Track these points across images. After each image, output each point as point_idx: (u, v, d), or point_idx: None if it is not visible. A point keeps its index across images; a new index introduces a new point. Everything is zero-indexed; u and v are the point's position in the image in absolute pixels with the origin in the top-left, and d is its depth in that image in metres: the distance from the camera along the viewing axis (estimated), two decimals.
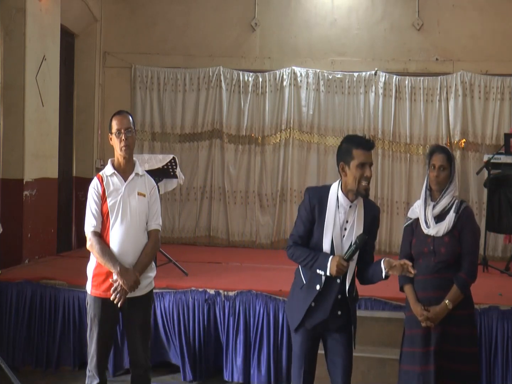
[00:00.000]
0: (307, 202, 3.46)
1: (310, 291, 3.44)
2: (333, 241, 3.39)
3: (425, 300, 3.69)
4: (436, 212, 3.74)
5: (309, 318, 3.44)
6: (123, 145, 3.82)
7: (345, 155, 3.40)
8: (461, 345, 3.65)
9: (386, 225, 7.99)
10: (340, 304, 3.43)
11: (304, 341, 3.48)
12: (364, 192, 3.38)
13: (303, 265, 3.47)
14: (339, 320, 3.45)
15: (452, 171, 3.76)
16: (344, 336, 3.48)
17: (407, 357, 3.75)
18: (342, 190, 3.43)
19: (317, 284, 3.41)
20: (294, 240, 3.50)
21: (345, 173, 3.40)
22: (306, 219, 3.47)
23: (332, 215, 3.40)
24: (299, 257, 3.44)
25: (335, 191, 3.44)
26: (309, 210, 3.45)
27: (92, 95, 8.30)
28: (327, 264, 3.31)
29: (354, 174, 3.35)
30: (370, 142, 3.43)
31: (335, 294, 3.41)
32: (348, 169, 3.38)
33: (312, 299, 3.42)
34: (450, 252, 3.67)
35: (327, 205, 3.42)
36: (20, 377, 4.03)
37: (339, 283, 3.41)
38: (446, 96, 7.99)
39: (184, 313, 5.15)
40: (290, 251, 3.50)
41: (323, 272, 3.34)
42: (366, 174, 3.34)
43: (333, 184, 3.50)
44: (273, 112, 8.29)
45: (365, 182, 3.36)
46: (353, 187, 3.38)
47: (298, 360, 3.51)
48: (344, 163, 3.40)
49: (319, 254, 3.38)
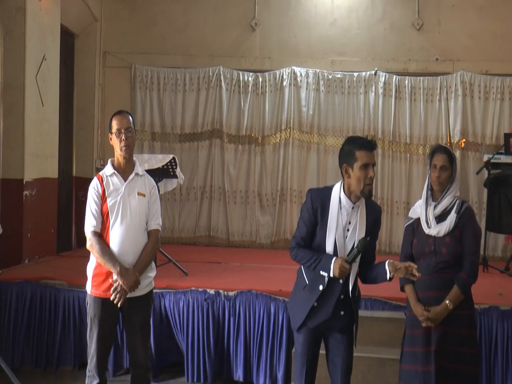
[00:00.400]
0: (310, 204, 3.47)
1: (313, 291, 3.45)
2: (336, 242, 3.40)
3: (425, 300, 3.69)
4: (437, 212, 3.74)
5: (312, 318, 3.46)
6: (123, 145, 3.82)
7: (347, 157, 3.41)
8: (461, 346, 3.65)
9: (386, 225, 7.99)
10: (342, 304, 3.45)
11: (306, 340, 3.50)
12: (368, 193, 3.39)
13: (306, 267, 3.49)
14: (341, 320, 3.46)
15: (454, 171, 3.76)
16: (346, 337, 3.50)
17: (408, 356, 3.76)
18: (345, 191, 3.44)
19: (320, 284, 3.43)
20: (297, 242, 3.51)
21: (348, 175, 3.41)
22: (308, 220, 3.48)
23: (335, 216, 3.41)
24: (302, 258, 3.46)
25: (338, 193, 3.45)
26: (312, 211, 3.46)
27: (92, 95, 8.30)
28: (330, 266, 3.32)
29: (358, 175, 3.36)
30: (373, 142, 3.45)
31: (338, 295, 3.43)
32: (352, 171, 3.38)
33: (315, 299, 3.43)
34: (451, 252, 3.67)
35: (329, 207, 3.43)
36: (20, 377, 4.03)
37: (341, 283, 3.43)
38: (446, 96, 7.99)
39: (184, 313, 5.16)
40: (294, 253, 3.51)
41: (326, 274, 3.36)
42: (370, 175, 3.36)
43: (335, 186, 3.51)
44: (273, 112, 8.28)
45: (369, 183, 3.38)
46: (357, 188, 3.39)
47: (300, 359, 3.53)
48: (347, 165, 3.40)
49: (322, 255, 3.39)
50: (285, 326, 5.01)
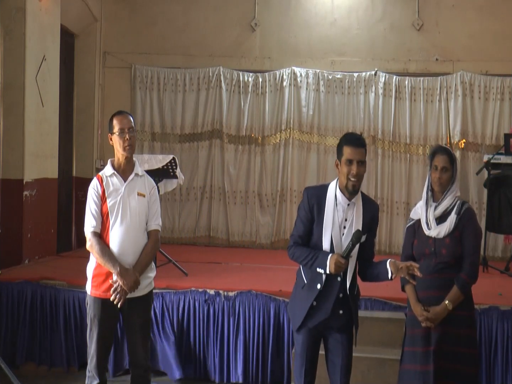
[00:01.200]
0: (306, 202, 3.49)
1: (311, 290, 3.45)
2: (332, 239, 3.41)
3: (425, 300, 3.69)
4: (437, 213, 3.74)
5: (311, 317, 3.46)
6: (127, 144, 3.82)
7: (338, 152, 3.48)
8: (460, 346, 3.64)
9: (386, 226, 7.99)
10: (341, 303, 3.45)
11: (306, 340, 3.50)
12: (351, 188, 3.41)
13: (303, 265, 3.49)
14: (341, 319, 3.46)
15: (454, 172, 3.76)
16: (345, 336, 3.50)
17: (408, 356, 3.76)
18: (340, 188, 3.47)
19: (318, 283, 3.43)
20: (295, 240, 3.52)
21: (338, 170, 3.46)
22: (305, 218, 3.49)
23: (331, 213, 3.42)
24: (300, 256, 3.46)
25: (333, 190, 3.48)
26: (308, 209, 3.48)
27: (92, 95, 8.30)
28: (326, 262, 3.33)
29: (343, 170, 3.41)
30: (360, 139, 3.47)
31: (336, 293, 3.43)
32: (340, 166, 3.45)
33: (313, 298, 3.43)
34: (451, 253, 3.67)
35: (325, 204, 3.45)
36: (20, 377, 4.01)
37: (339, 281, 3.42)
38: (446, 96, 7.99)
39: (184, 314, 5.16)
40: (291, 251, 3.52)
41: (323, 270, 3.36)
42: (352, 171, 3.38)
43: (331, 183, 3.53)
44: (273, 112, 8.28)
45: (354, 179, 3.39)
46: (343, 183, 3.43)
47: (300, 359, 3.53)
48: (338, 159, 3.47)
49: (319, 252, 3.40)
50: (285, 326, 5.01)
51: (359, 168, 3.39)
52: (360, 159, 3.40)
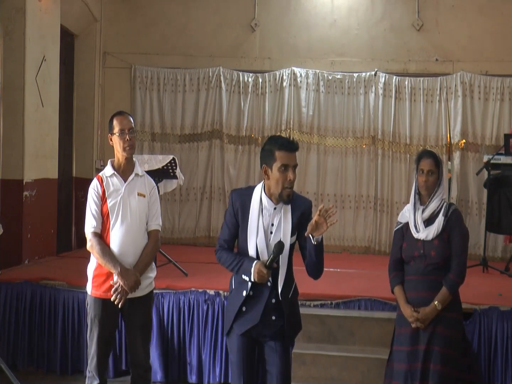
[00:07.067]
0: (230, 205, 3.36)
1: (239, 296, 3.32)
2: (257, 246, 3.27)
3: (415, 301, 3.76)
4: (425, 216, 3.81)
5: (239, 323, 3.31)
6: (128, 145, 3.82)
7: (267, 157, 3.25)
8: (446, 347, 3.70)
9: (386, 226, 7.98)
10: (274, 308, 3.28)
11: (240, 348, 3.33)
12: (286, 198, 3.25)
13: (229, 270, 3.37)
14: (274, 325, 3.29)
15: (440, 175, 3.84)
16: (280, 344, 3.32)
17: (396, 355, 3.83)
18: (266, 193, 3.31)
19: (243, 290, 3.29)
20: (220, 244, 3.40)
21: (267, 176, 3.26)
22: (230, 222, 3.36)
23: (255, 219, 3.27)
24: (225, 262, 3.35)
25: (259, 194, 3.31)
26: (233, 214, 3.34)
27: (92, 95, 8.30)
28: (251, 270, 3.20)
29: (277, 177, 3.22)
30: (294, 143, 3.29)
31: (267, 299, 3.27)
32: (271, 172, 3.24)
33: (240, 303, 3.30)
34: (440, 254, 3.74)
35: (250, 209, 3.30)
36: (20, 377, 4.02)
37: (270, 287, 3.27)
38: (446, 97, 7.99)
39: (184, 314, 5.15)
40: (217, 256, 3.41)
41: (248, 278, 3.24)
42: (289, 178, 3.21)
43: (257, 186, 3.38)
44: (273, 113, 8.29)
45: (288, 186, 3.23)
46: (276, 191, 3.25)
47: (237, 369, 3.35)
48: (267, 165, 3.26)
49: (245, 259, 3.26)
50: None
51: (294, 174, 3.23)
52: (295, 164, 3.25)
